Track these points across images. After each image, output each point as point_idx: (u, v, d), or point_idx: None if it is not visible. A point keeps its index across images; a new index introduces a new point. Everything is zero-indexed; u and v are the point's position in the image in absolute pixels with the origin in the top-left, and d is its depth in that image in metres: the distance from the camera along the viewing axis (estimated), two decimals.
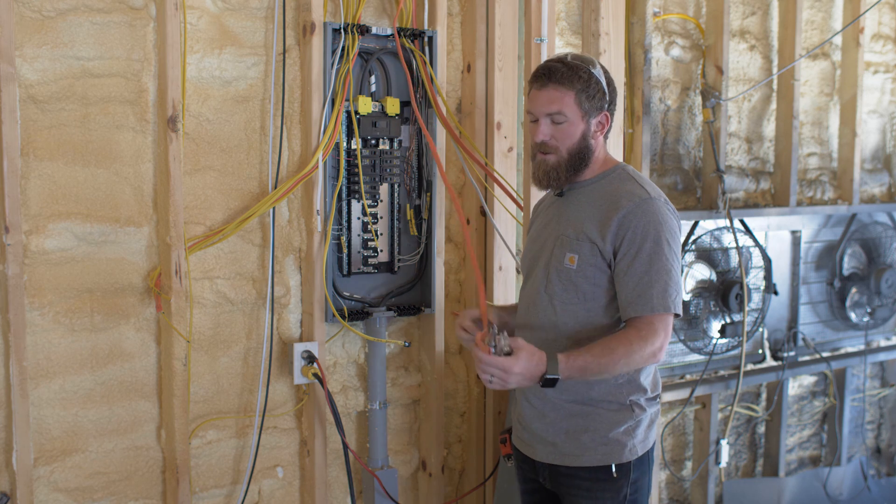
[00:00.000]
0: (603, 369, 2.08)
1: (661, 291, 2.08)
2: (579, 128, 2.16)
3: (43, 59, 2.34)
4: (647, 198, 2.12)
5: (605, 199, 2.16)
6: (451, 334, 3.03)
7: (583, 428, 2.18)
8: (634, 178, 2.19)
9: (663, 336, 2.09)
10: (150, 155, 2.49)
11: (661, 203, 2.13)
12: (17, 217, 2.28)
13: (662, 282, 2.08)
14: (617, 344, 2.08)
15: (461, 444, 3.10)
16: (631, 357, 2.07)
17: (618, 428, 2.17)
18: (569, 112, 2.15)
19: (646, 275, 2.08)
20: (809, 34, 3.85)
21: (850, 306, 3.98)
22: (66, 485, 2.46)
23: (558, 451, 2.22)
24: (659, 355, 2.10)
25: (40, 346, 2.39)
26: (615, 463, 2.17)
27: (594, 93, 2.16)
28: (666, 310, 2.08)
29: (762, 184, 3.75)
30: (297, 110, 2.68)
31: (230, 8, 2.57)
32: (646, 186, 2.17)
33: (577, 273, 2.15)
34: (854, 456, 4.25)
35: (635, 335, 2.07)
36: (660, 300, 2.08)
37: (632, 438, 2.19)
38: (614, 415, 2.18)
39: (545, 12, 2.88)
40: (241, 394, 2.69)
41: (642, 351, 2.07)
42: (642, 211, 2.11)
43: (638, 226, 2.10)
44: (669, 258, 2.10)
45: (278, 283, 2.70)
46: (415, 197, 2.85)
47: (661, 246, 2.09)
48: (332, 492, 2.86)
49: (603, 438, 2.17)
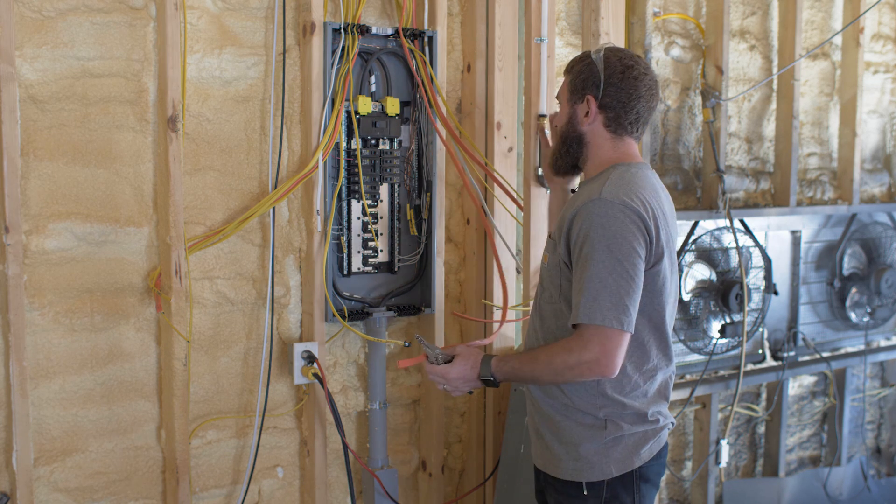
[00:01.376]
0: (530, 376, 2.05)
1: (590, 301, 1.94)
2: (565, 110, 2.20)
3: (43, 59, 2.34)
4: (596, 198, 1.99)
5: (576, 199, 2.12)
6: (452, 334, 3.03)
7: (556, 438, 2.13)
8: (609, 179, 2.07)
9: (598, 349, 1.93)
10: (150, 155, 2.49)
11: (610, 205, 1.98)
12: (17, 217, 2.28)
13: (593, 290, 1.94)
14: (541, 351, 2.04)
15: (461, 444, 3.10)
16: (552, 366, 1.99)
17: (588, 444, 2.08)
18: (562, 95, 2.22)
19: (577, 282, 1.98)
20: (809, 34, 3.85)
21: (850, 306, 3.98)
22: (66, 485, 2.46)
23: (541, 456, 2.20)
24: (597, 369, 1.95)
25: (40, 346, 2.39)
26: (585, 481, 2.09)
27: (582, 76, 2.14)
28: (591, 320, 1.93)
29: (762, 184, 3.75)
30: (297, 110, 2.68)
31: (230, 8, 2.57)
32: (607, 186, 2.03)
33: (550, 271, 2.13)
34: (854, 456, 4.25)
35: (560, 344, 2.00)
36: (586, 310, 1.94)
37: (605, 458, 2.07)
38: (585, 430, 2.09)
39: (545, 12, 2.88)
40: (241, 394, 2.69)
41: (566, 362, 1.97)
42: (587, 212, 1.99)
43: (581, 229, 1.99)
44: (609, 265, 1.94)
45: (278, 283, 2.70)
46: (415, 197, 2.85)
47: (598, 251, 1.95)
48: (332, 492, 2.86)
49: (573, 453, 2.10)
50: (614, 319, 1.94)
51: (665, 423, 2.15)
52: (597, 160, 2.17)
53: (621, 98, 2.12)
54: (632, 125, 2.15)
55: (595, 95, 2.13)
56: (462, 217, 3.04)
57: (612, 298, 1.94)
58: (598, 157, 2.17)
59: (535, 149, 2.91)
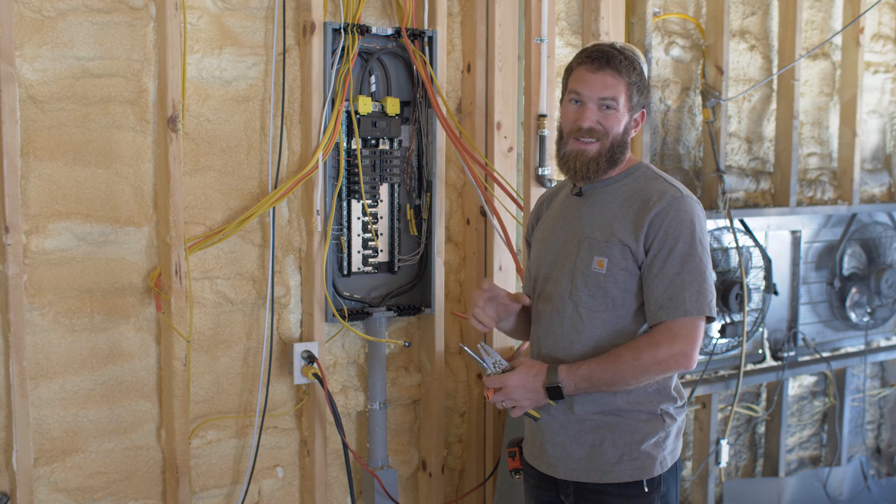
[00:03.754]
0: (612, 377, 1.99)
1: (695, 294, 1.98)
2: (624, 119, 2.06)
3: (43, 59, 2.34)
4: (680, 196, 2.03)
5: (634, 198, 2.05)
6: (451, 334, 3.03)
7: (610, 441, 2.05)
8: (662, 176, 2.09)
9: (687, 341, 1.98)
10: (150, 155, 2.49)
11: (693, 201, 2.04)
12: (17, 217, 2.28)
13: (696, 284, 1.98)
14: (625, 351, 1.99)
15: (461, 444, 3.10)
16: (641, 364, 1.97)
17: (649, 440, 2.05)
18: (621, 101, 2.05)
19: (678, 276, 1.98)
20: (809, 34, 3.85)
21: (850, 306, 3.97)
22: (66, 485, 2.46)
23: (584, 468, 2.08)
24: (685, 362, 1.99)
25: (40, 346, 2.39)
26: (646, 478, 2.05)
27: (643, 88, 2.09)
28: (700, 312, 1.98)
29: (762, 184, 3.75)
30: (297, 110, 2.68)
31: (230, 8, 2.57)
32: (676, 184, 2.07)
33: (607, 278, 2.03)
34: (854, 456, 4.25)
35: (646, 341, 1.99)
36: (693, 303, 1.98)
37: (662, 450, 2.07)
38: (644, 425, 2.05)
39: (545, 12, 2.88)
40: (241, 394, 2.69)
41: (655, 357, 1.97)
42: (675, 209, 2.01)
43: (670, 225, 2.00)
44: (703, 259, 2.00)
45: (278, 283, 2.70)
46: (415, 197, 2.85)
47: (695, 246, 2.00)
48: (332, 492, 2.86)
49: (633, 452, 2.05)
50: (712, 310, 2.02)
51: None
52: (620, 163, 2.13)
53: None
54: None
55: (647, 105, 2.14)
56: (462, 217, 3.03)
57: (710, 290, 2.02)
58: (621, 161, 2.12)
59: (535, 149, 2.91)
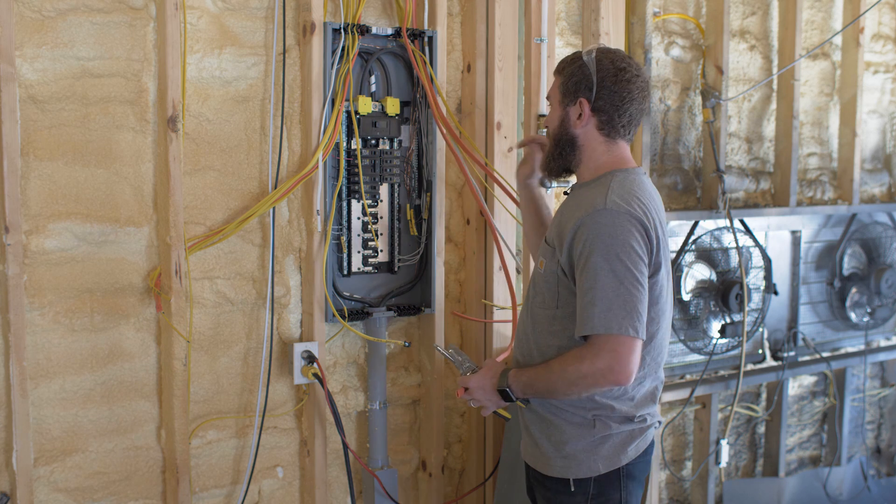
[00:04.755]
0: (546, 387, 2.06)
1: (604, 311, 1.95)
2: (557, 112, 2.18)
3: (43, 59, 2.34)
4: (602, 208, 2.00)
5: (575, 205, 2.10)
6: (451, 334, 3.03)
7: (545, 436, 2.15)
8: (609, 186, 2.07)
9: (609, 357, 1.95)
10: (150, 155, 2.49)
11: (615, 214, 1.99)
12: (17, 217, 2.28)
13: (605, 300, 1.95)
14: (555, 362, 2.05)
15: (461, 444, 3.10)
16: (566, 376, 2.00)
17: (576, 442, 2.11)
18: (553, 97, 2.20)
19: (589, 291, 1.97)
20: (809, 34, 3.85)
21: (850, 306, 3.98)
22: (66, 485, 2.46)
23: (530, 454, 2.22)
24: (612, 377, 1.96)
25: (40, 346, 2.39)
26: (573, 477, 2.11)
27: (574, 79, 2.13)
28: (607, 330, 1.94)
29: (762, 184, 3.75)
30: (297, 110, 2.68)
31: (230, 8, 2.57)
32: (610, 195, 2.03)
33: (545, 278, 2.13)
34: (854, 456, 4.25)
35: (573, 354, 2.01)
36: (601, 320, 1.95)
37: (593, 455, 2.10)
38: (574, 428, 2.11)
39: (545, 12, 2.88)
40: (241, 394, 2.69)
41: (578, 370, 1.98)
42: (593, 222, 2.00)
43: (588, 238, 1.99)
44: (620, 273, 1.95)
45: (278, 283, 2.70)
46: (415, 197, 2.85)
47: (610, 261, 1.96)
48: (332, 492, 2.86)
49: (561, 451, 2.13)
50: (629, 327, 1.95)
51: (652, 422, 2.18)
52: (591, 164, 2.17)
53: (614, 101, 2.11)
54: (624, 128, 2.15)
55: (588, 98, 2.12)
56: (462, 217, 3.03)
57: (625, 307, 1.95)
58: (592, 161, 2.16)
59: None
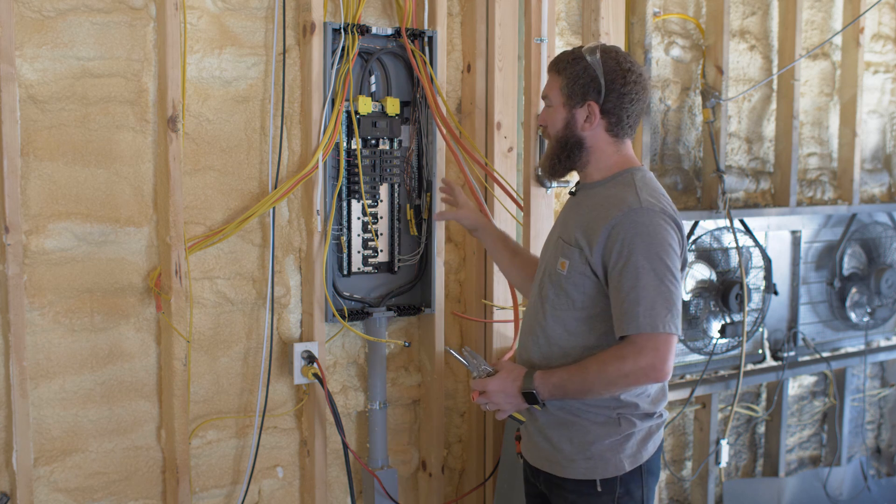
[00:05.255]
0: (580, 388, 2.04)
1: (648, 309, 1.96)
2: (561, 114, 2.13)
3: (43, 59, 2.34)
4: (638, 207, 2.01)
5: (599, 205, 2.08)
6: (451, 334, 3.03)
7: (567, 438, 2.12)
8: (634, 185, 2.08)
9: (652, 355, 1.96)
10: (150, 155, 2.49)
11: (653, 213, 2.01)
12: (17, 217, 2.28)
13: (649, 299, 1.96)
14: (592, 362, 2.02)
15: (461, 444, 3.10)
16: (606, 376, 2.00)
17: (602, 441, 2.10)
18: (553, 97, 2.15)
19: (632, 291, 1.97)
20: (809, 34, 3.85)
21: (850, 306, 3.98)
22: (66, 485, 2.46)
23: (546, 458, 2.17)
24: (654, 374, 1.98)
25: (40, 346, 2.39)
26: (599, 478, 2.10)
27: (581, 81, 2.10)
28: (653, 329, 1.96)
29: (762, 184, 3.75)
30: (297, 110, 2.68)
31: (230, 8, 2.57)
32: (641, 194, 2.05)
33: (567, 279, 2.09)
34: (854, 456, 4.25)
35: (613, 353, 2.00)
36: (646, 318, 1.96)
37: (618, 454, 2.10)
38: (599, 428, 2.10)
39: (545, 12, 2.88)
40: (241, 394, 2.69)
41: (620, 370, 1.98)
42: (631, 221, 2.00)
43: (626, 237, 1.99)
44: (661, 273, 1.98)
45: (278, 283, 2.70)
46: (415, 197, 2.85)
47: (651, 260, 1.97)
48: (332, 492, 2.86)
49: (586, 452, 2.10)
50: (671, 324, 1.97)
51: (666, 417, 2.21)
52: (601, 164, 2.15)
53: (623, 103, 2.11)
54: (631, 128, 2.16)
55: (597, 101, 2.10)
56: None
57: (666, 304, 1.97)
58: (601, 162, 2.15)
59: (535, 149, 2.91)
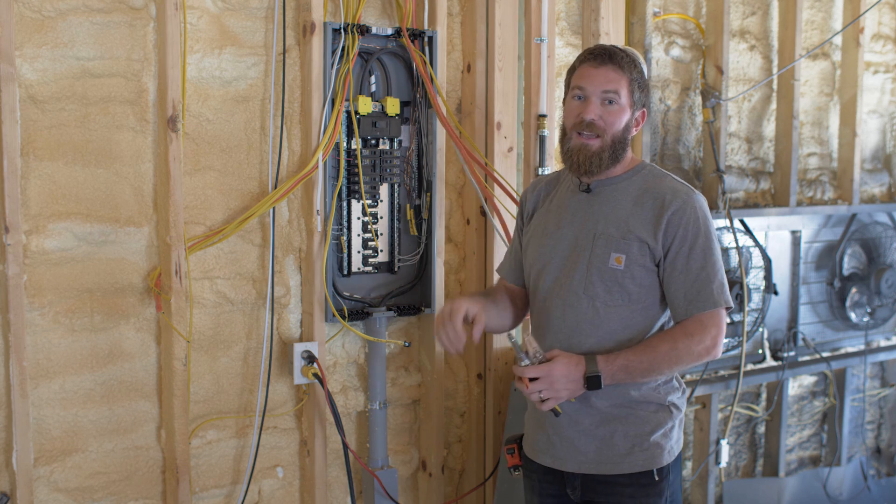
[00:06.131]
0: (648, 368, 2.06)
1: (719, 286, 2.07)
2: (626, 115, 2.11)
3: (43, 59, 2.34)
4: (693, 194, 2.11)
5: (646, 196, 2.11)
6: None
7: (622, 433, 2.11)
8: (669, 175, 2.17)
9: (715, 331, 2.07)
10: (150, 155, 2.49)
11: (702, 198, 2.13)
12: (17, 217, 2.28)
13: (719, 276, 2.08)
14: (660, 342, 2.07)
15: (461, 444, 3.10)
16: (676, 354, 2.05)
17: (658, 430, 2.13)
18: (623, 95, 2.09)
19: (702, 271, 2.07)
20: (809, 34, 3.85)
21: (850, 306, 3.97)
22: (66, 485, 2.46)
23: (594, 460, 2.12)
24: (714, 351, 2.08)
25: (40, 345, 2.39)
26: (656, 467, 2.12)
27: (643, 86, 2.15)
28: (727, 303, 2.08)
29: (762, 184, 3.75)
30: (297, 110, 2.68)
31: (230, 8, 2.57)
32: (684, 182, 2.15)
33: (625, 274, 2.08)
34: (854, 456, 4.25)
35: (680, 332, 2.07)
36: (719, 295, 2.07)
37: (669, 440, 2.15)
38: (654, 416, 2.13)
39: (545, 12, 2.88)
40: (241, 394, 2.69)
41: (690, 348, 2.05)
42: (691, 207, 2.08)
43: (689, 223, 2.07)
44: (718, 252, 2.10)
45: (278, 283, 2.70)
46: (415, 197, 2.85)
47: (711, 240, 2.09)
48: (332, 492, 2.86)
49: (643, 443, 2.12)
50: (730, 299, 2.11)
51: None
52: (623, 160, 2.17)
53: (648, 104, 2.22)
54: None
55: (647, 108, 2.19)
56: (462, 217, 3.03)
57: (724, 281, 2.10)
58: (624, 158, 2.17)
59: (535, 149, 2.91)
